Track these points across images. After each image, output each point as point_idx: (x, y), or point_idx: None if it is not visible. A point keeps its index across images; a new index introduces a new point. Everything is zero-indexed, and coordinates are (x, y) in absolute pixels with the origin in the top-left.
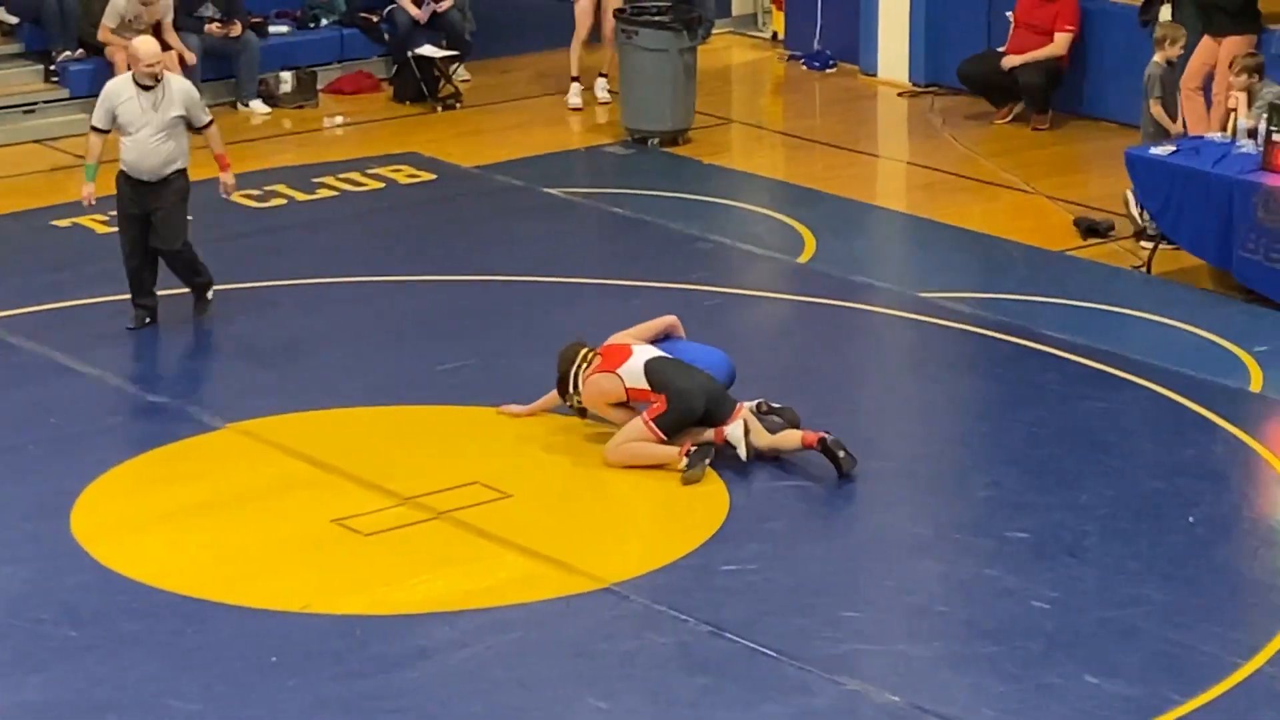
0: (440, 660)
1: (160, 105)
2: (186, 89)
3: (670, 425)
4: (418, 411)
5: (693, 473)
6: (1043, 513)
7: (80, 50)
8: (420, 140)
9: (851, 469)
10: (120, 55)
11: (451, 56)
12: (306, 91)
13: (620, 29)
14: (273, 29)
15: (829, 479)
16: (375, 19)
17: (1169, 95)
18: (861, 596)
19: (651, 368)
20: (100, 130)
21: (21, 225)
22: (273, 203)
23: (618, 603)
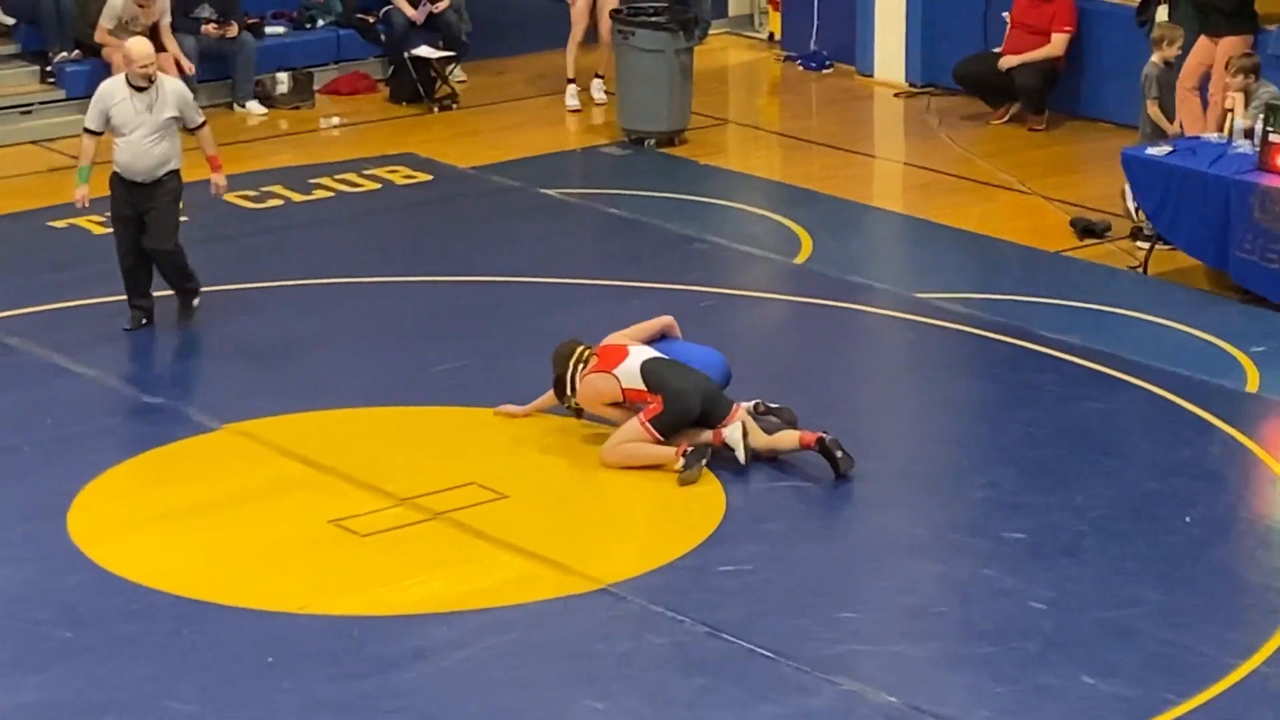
0: (437, 661)
1: (154, 106)
2: (180, 90)
3: (667, 426)
4: (414, 412)
5: (690, 474)
6: (1040, 513)
7: (77, 51)
8: (417, 141)
9: (849, 469)
10: (117, 56)
11: (448, 57)
12: (303, 92)
13: (616, 30)
14: (269, 30)
15: (826, 480)
16: (371, 20)
17: (1166, 96)
18: (858, 597)
19: (648, 368)
20: (93, 132)
21: (18, 226)
22: (269, 203)
23: (615, 603)
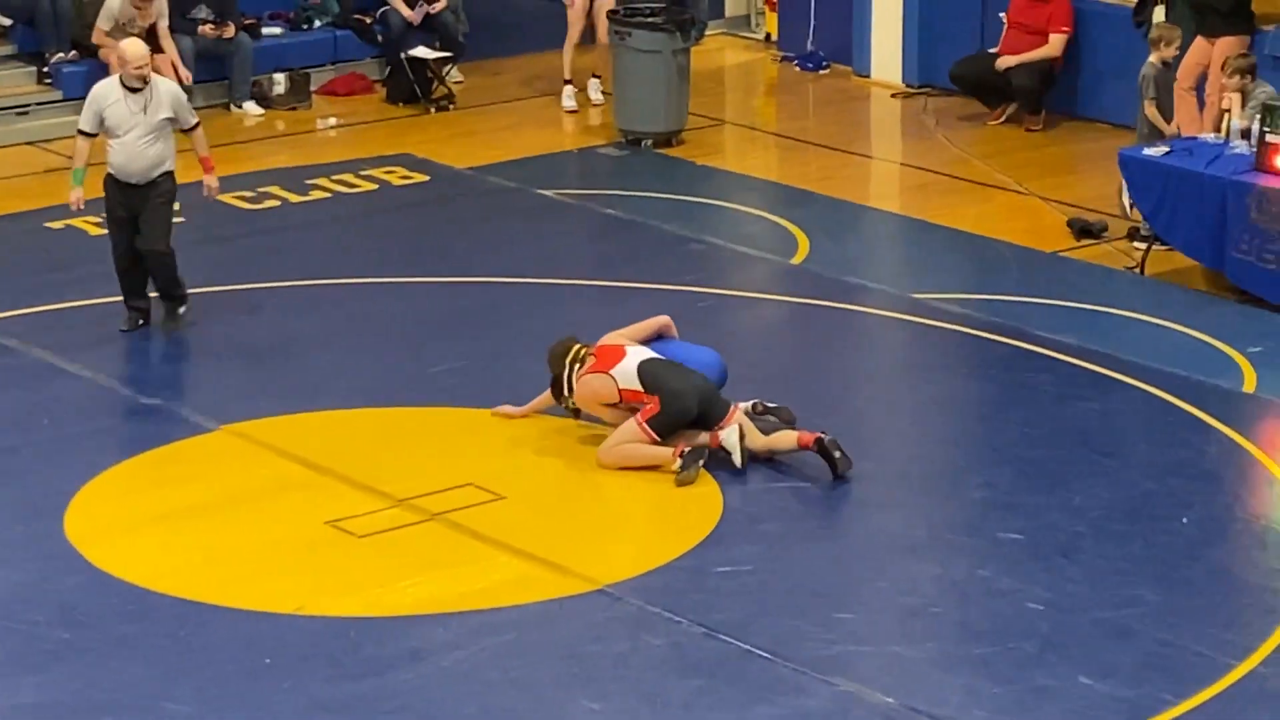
0: (434, 662)
1: (149, 107)
2: (174, 91)
3: (664, 426)
4: (411, 413)
5: (687, 474)
6: (1036, 514)
7: (74, 52)
8: (413, 142)
9: (847, 470)
10: (114, 58)
11: (445, 58)
12: (300, 93)
13: (613, 30)
14: (266, 30)
15: (822, 480)
16: (368, 20)
17: (1164, 96)
18: (856, 598)
19: (644, 369)
20: (88, 134)
21: (15, 227)
22: (266, 204)
23: (611, 604)
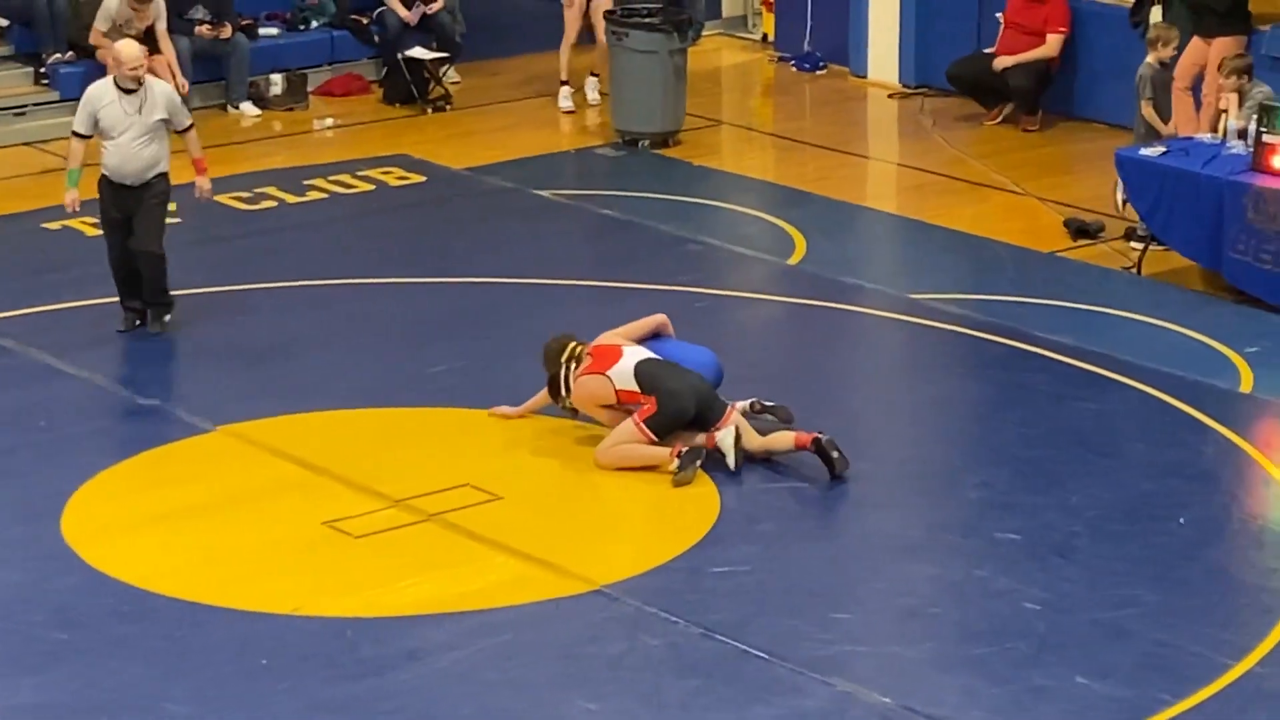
0: (431, 662)
1: (144, 109)
2: (168, 92)
3: (661, 427)
4: (408, 414)
5: (684, 475)
6: (1033, 514)
7: (70, 53)
8: (410, 142)
9: (844, 470)
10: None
11: (441, 58)
12: (296, 94)
13: (610, 31)
14: (262, 31)
15: (819, 480)
16: (365, 21)
17: (1161, 96)
18: (852, 598)
19: (641, 370)
20: (82, 136)
21: (12, 228)
22: (263, 205)
23: (608, 604)
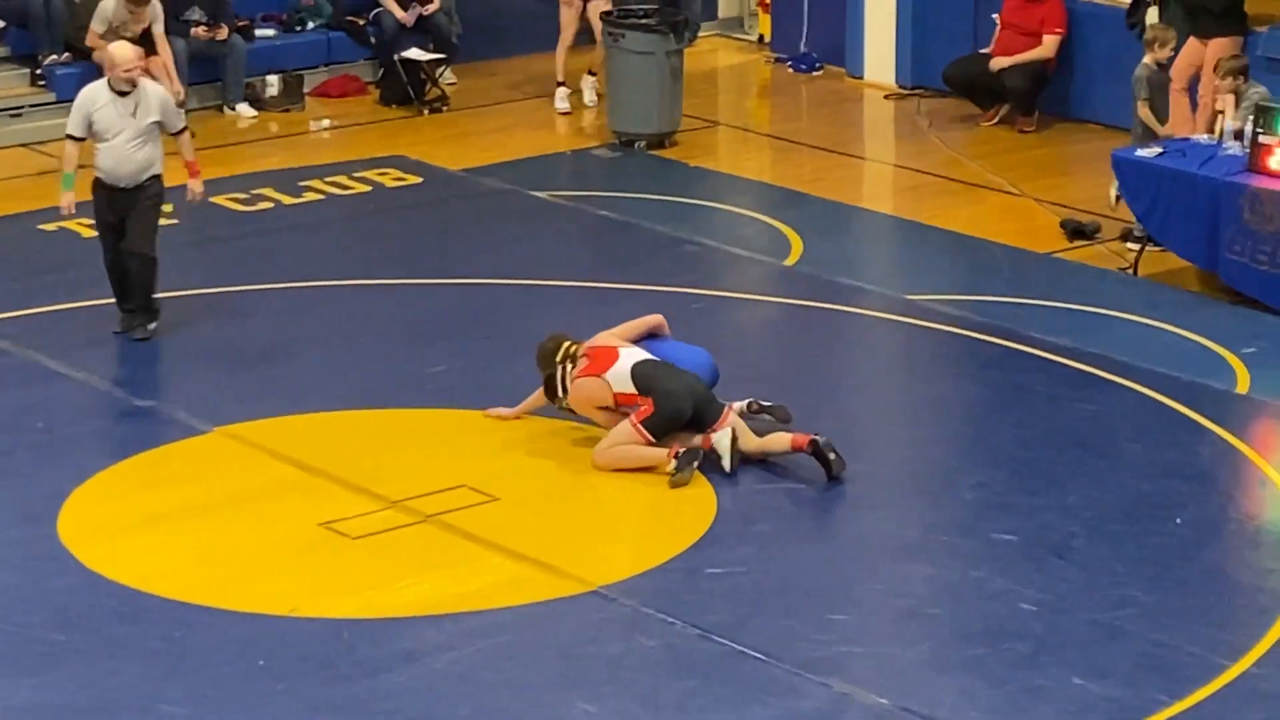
0: (428, 663)
1: (138, 111)
2: (162, 94)
3: (658, 428)
4: (405, 415)
5: (681, 476)
6: (1030, 514)
7: (67, 54)
8: (406, 143)
9: (841, 471)
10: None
11: (438, 60)
12: (293, 95)
13: (606, 32)
14: (259, 32)
15: (816, 481)
16: (361, 22)
17: (1158, 97)
18: (849, 599)
19: (638, 371)
20: (76, 138)
21: (8, 229)
22: (259, 206)
23: (605, 605)
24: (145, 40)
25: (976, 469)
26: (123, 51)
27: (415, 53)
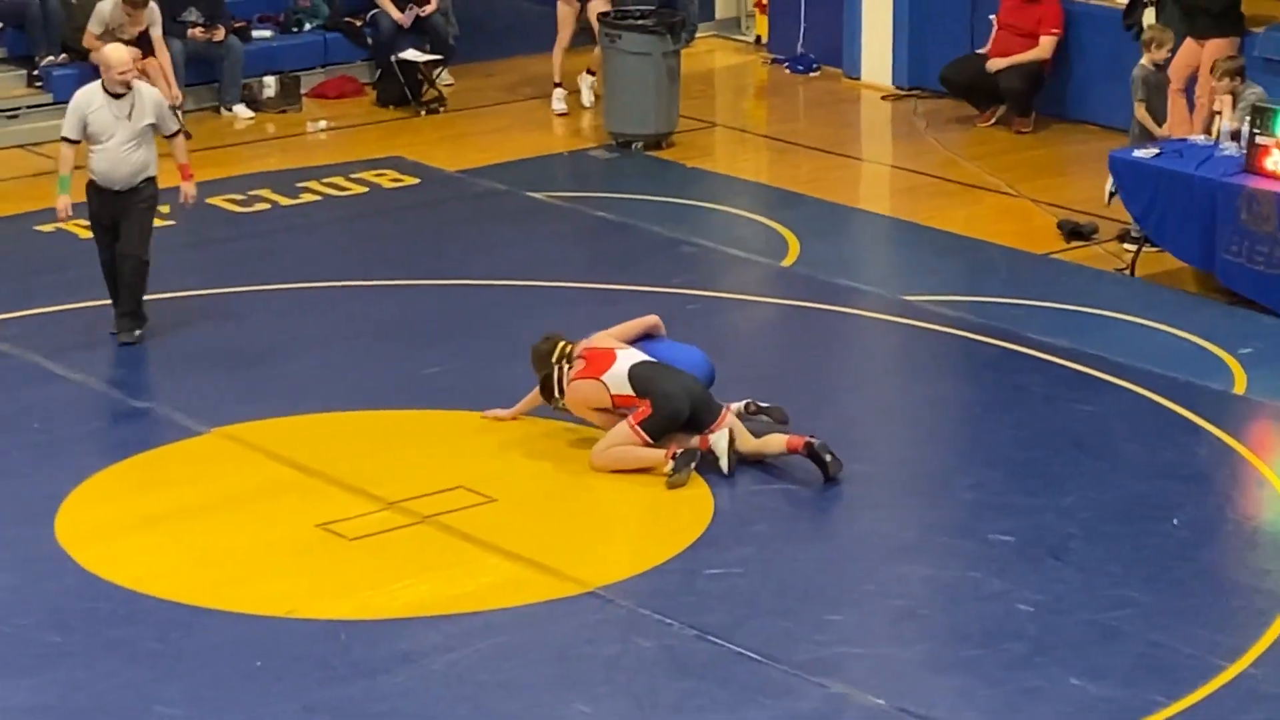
0: (425, 664)
1: (133, 114)
2: (156, 97)
3: (656, 429)
4: (402, 416)
5: (678, 477)
6: (1027, 515)
7: (64, 55)
8: (403, 144)
9: (838, 473)
10: None
11: (435, 61)
12: (290, 96)
13: (604, 33)
14: (256, 33)
15: (813, 482)
16: (358, 23)
17: (1155, 98)
18: (846, 599)
19: (635, 372)
20: (71, 141)
21: (5, 230)
22: (256, 207)
23: (602, 606)
24: (143, 43)
25: (973, 470)
26: (118, 54)
27: (412, 54)
